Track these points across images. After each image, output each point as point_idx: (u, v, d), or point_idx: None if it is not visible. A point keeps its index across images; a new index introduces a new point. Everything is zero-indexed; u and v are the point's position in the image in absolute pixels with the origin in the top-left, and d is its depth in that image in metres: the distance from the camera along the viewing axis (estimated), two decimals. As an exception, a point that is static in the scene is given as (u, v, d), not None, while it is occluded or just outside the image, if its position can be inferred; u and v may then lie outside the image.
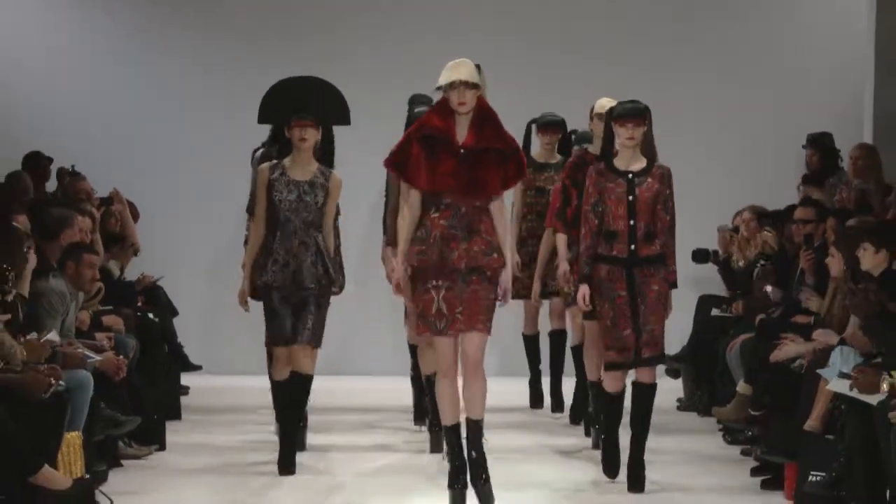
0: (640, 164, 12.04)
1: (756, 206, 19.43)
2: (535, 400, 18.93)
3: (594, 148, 14.14)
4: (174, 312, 17.55)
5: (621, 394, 13.00)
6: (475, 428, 12.00)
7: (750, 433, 15.93)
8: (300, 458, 14.74)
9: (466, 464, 12.20)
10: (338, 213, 14.92)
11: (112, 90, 18.19)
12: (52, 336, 12.71)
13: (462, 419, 12.29)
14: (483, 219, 11.81)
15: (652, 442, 14.35)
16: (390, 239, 15.54)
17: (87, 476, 12.47)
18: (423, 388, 16.28)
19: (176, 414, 16.25)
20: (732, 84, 21.72)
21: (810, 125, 19.62)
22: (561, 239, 14.53)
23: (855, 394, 11.35)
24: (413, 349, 16.91)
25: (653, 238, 12.10)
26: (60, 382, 12.10)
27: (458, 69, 11.49)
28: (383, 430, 18.22)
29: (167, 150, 18.93)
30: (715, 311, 19.75)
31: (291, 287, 12.59)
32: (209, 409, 18.00)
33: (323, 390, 16.77)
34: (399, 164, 11.92)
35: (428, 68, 11.98)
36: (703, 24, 23.29)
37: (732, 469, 15.35)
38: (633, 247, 12.08)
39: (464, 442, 12.06)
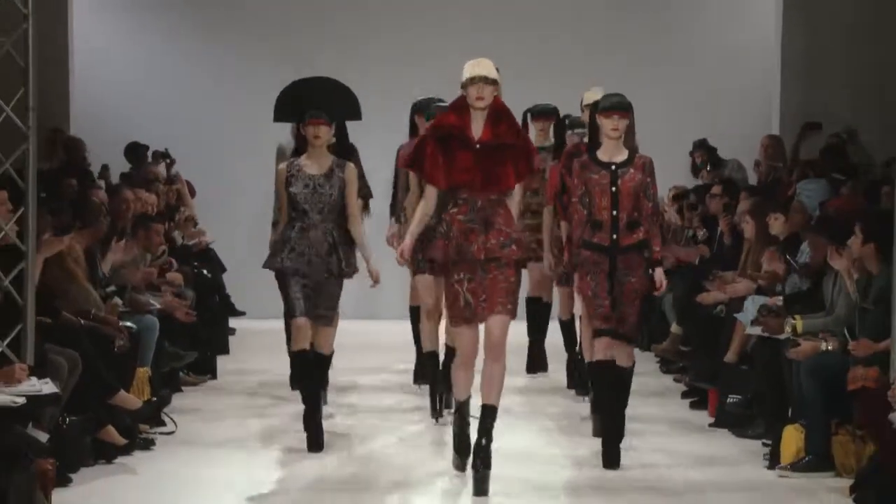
0: (622, 155, 10.80)
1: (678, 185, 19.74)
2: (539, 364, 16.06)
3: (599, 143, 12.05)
4: (223, 269, 17.58)
5: (608, 365, 11.40)
6: (489, 415, 10.54)
7: (681, 365, 16.06)
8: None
9: (470, 437, 10.84)
10: (369, 196, 14.24)
11: (182, 95, 17.76)
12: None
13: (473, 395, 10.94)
14: (499, 211, 10.46)
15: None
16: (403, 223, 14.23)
17: (154, 399, 12.54)
18: (421, 351, 14.77)
19: (225, 350, 16.17)
20: (663, 92, 21.12)
21: (732, 122, 20.66)
22: (564, 226, 13.10)
23: (765, 334, 11.97)
24: (414, 312, 15.32)
25: (636, 226, 10.81)
26: (132, 326, 12.21)
27: (479, 66, 10.38)
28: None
29: (219, 141, 18.72)
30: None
31: (307, 271, 11.35)
32: (251, 346, 17.87)
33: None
34: (418, 164, 10.69)
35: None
36: (635, 38, 22.30)
37: (667, 393, 15.39)
38: (615, 236, 10.78)
39: (471, 419, 10.78)
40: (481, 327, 10.91)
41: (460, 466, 10.89)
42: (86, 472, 10.78)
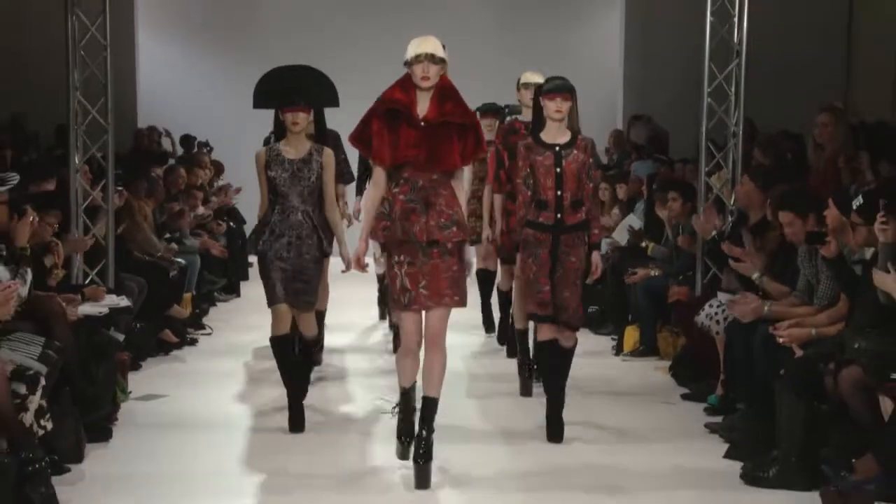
0: (565, 137, 8.58)
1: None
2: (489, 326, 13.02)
3: (522, 117, 10.31)
4: (244, 221, 17.24)
5: (553, 343, 8.84)
6: (430, 406, 7.98)
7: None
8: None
9: (414, 425, 8.06)
10: (351, 180, 11.59)
11: (219, 99, 17.50)
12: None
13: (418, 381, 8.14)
14: (440, 192, 7.85)
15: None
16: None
17: (197, 311, 12.72)
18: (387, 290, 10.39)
19: (245, 277, 15.89)
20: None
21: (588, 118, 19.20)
22: (497, 198, 10.50)
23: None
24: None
25: (579, 206, 8.59)
26: (182, 261, 12.34)
27: (424, 44, 7.85)
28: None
29: (245, 133, 18.39)
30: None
31: (287, 256, 8.78)
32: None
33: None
34: (363, 139, 7.98)
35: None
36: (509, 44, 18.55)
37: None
38: (559, 215, 8.55)
39: (416, 406, 8.12)
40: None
41: (403, 455, 8.16)
42: (150, 361, 10.94)
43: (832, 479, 7.04)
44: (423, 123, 7.69)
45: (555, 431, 8.74)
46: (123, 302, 10.05)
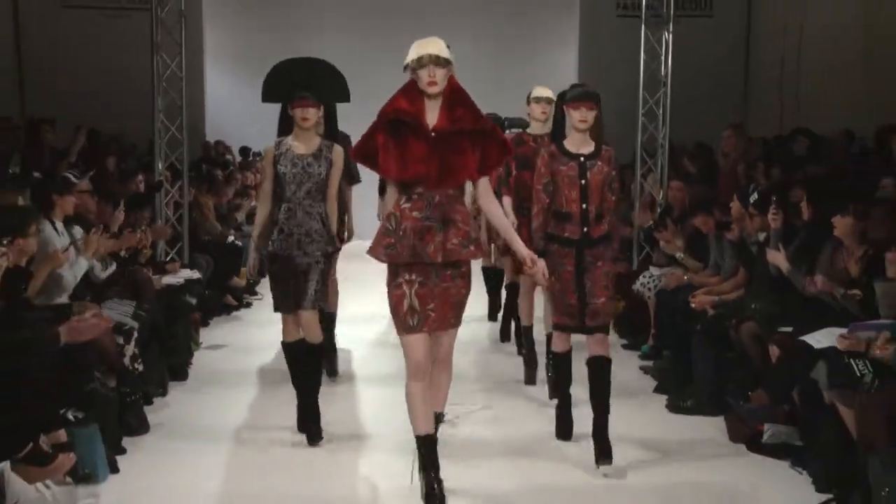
0: (589, 147, 6.60)
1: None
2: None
3: (530, 130, 8.36)
4: None
5: (568, 354, 6.88)
6: (435, 421, 5.87)
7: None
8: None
9: (440, 480, 5.68)
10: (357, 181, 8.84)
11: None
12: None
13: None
14: (458, 207, 5.75)
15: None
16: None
17: (251, 280, 12.50)
18: None
19: None
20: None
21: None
22: (507, 201, 8.11)
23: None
24: None
25: (602, 219, 6.55)
26: (239, 243, 12.33)
27: (427, 45, 5.71)
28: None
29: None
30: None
31: (297, 254, 6.83)
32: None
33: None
34: (367, 154, 5.84)
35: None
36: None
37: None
38: (585, 229, 6.51)
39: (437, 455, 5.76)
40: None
41: None
42: (217, 320, 10.90)
43: (734, 407, 7.08)
44: (433, 133, 5.48)
45: (603, 454, 6.34)
46: (195, 274, 10.10)
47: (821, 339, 6.16)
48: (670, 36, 11.39)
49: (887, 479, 5.09)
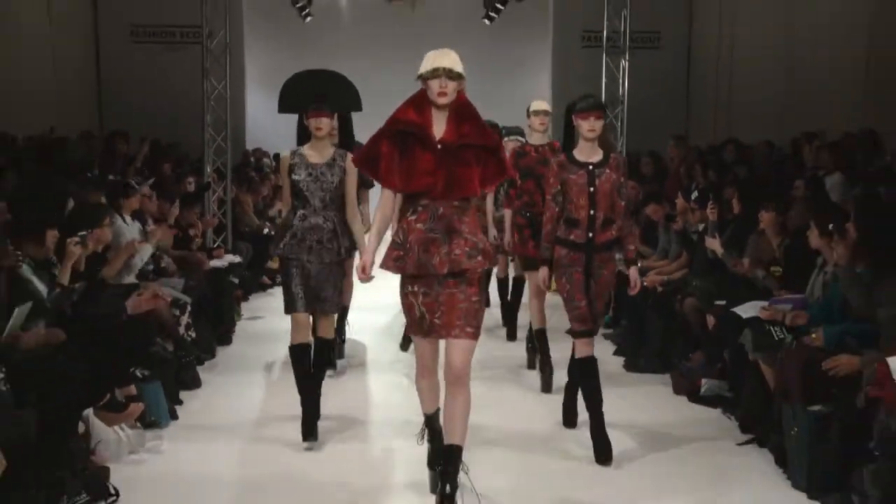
0: (598, 155, 5.73)
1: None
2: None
3: (531, 140, 7.46)
4: None
5: (592, 358, 5.74)
6: (453, 457, 4.67)
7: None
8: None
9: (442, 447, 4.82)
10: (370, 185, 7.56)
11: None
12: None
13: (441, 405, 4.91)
14: (464, 218, 4.78)
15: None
16: None
17: None
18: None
19: None
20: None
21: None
22: (507, 213, 7.24)
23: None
24: None
25: (610, 224, 5.69)
26: (272, 232, 12.24)
27: (442, 57, 4.82)
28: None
29: None
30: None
31: (309, 259, 5.89)
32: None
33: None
34: (369, 160, 4.88)
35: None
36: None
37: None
38: (591, 234, 5.68)
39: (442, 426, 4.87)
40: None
41: (436, 487, 4.85)
42: (255, 295, 10.81)
43: (678, 366, 7.12)
44: (439, 146, 4.60)
45: (603, 451, 5.53)
46: (237, 259, 10.07)
47: (747, 310, 6.17)
48: (626, 63, 11.43)
49: (796, 422, 5.14)
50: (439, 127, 4.63)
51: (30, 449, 4.52)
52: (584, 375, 5.79)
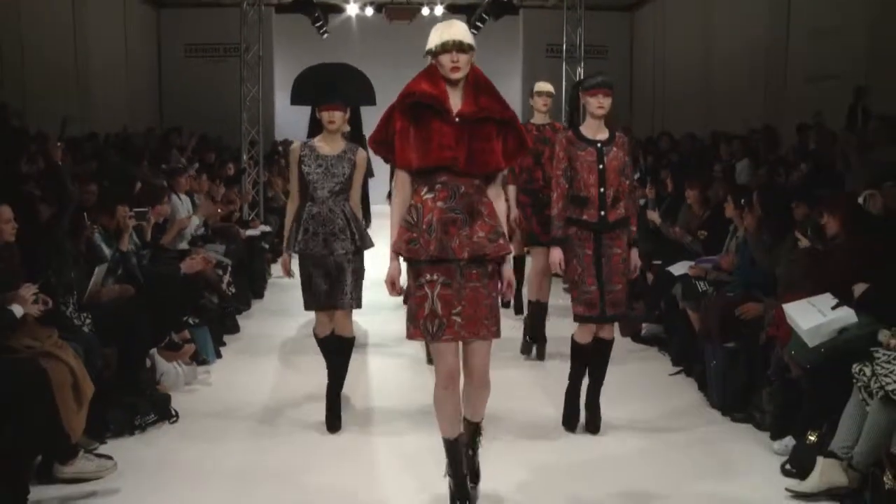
0: (604, 133, 4.65)
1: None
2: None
3: (534, 119, 6.19)
4: None
5: (588, 346, 4.71)
6: (472, 429, 3.58)
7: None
8: None
9: (468, 482, 3.55)
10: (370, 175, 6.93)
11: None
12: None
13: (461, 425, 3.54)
14: (484, 199, 3.39)
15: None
16: None
17: None
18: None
19: None
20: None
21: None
22: (511, 189, 5.97)
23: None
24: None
25: (618, 203, 4.61)
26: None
27: (450, 29, 3.36)
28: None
29: None
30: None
31: (324, 253, 4.73)
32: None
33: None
34: (385, 141, 3.41)
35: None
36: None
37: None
38: (602, 212, 4.57)
39: (463, 452, 3.53)
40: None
41: None
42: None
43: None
44: (457, 119, 3.39)
45: (592, 423, 4.70)
46: (268, 228, 9.96)
47: (678, 268, 6.18)
48: (582, 70, 11.44)
49: (714, 355, 5.19)
50: (455, 101, 3.43)
51: (111, 378, 4.66)
52: (584, 358, 4.71)
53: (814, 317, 4.16)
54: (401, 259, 3.47)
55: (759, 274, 5.36)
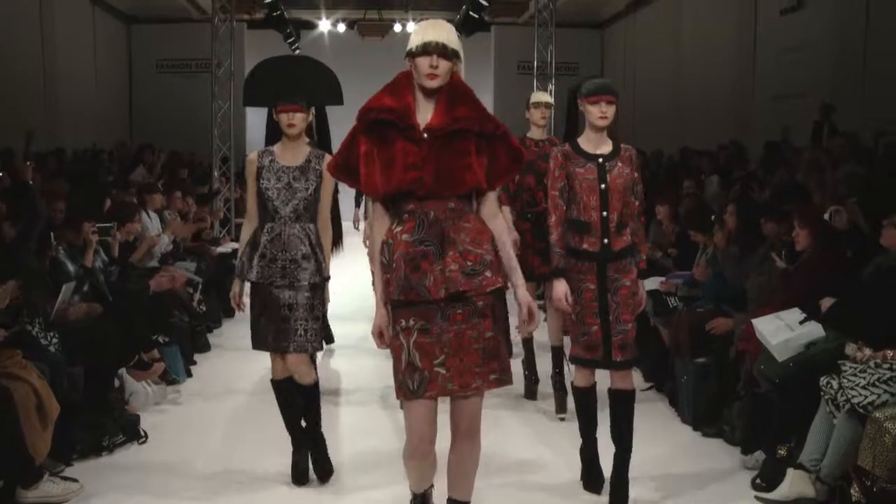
0: (607, 146, 3.67)
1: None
2: None
3: (531, 134, 5.43)
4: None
5: (591, 389, 3.85)
6: None
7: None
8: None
9: None
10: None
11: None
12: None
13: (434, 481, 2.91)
14: (462, 224, 2.63)
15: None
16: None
17: None
18: None
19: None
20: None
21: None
22: (506, 210, 4.90)
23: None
24: None
25: (624, 228, 3.65)
26: None
27: (435, 29, 2.63)
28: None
29: None
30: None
31: (280, 285, 3.80)
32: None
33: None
34: (348, 167, 2.75)
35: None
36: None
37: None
38: (605, 240, 3.61)
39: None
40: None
41: None
42: None
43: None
44: (425, 135, 2.75)
45: (621, 497, 3.81)
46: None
47: (648, 284, 6.16)
48: (553, 87, 11.55)
49: (685, 371, 5.22)
50: (425, 113, 2.81)
51: (78, 398, 4.61)
52: (584, 405, 3.98)
53: (782, 332, 4.19)
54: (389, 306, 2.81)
55: (728, 288, 5.41)
